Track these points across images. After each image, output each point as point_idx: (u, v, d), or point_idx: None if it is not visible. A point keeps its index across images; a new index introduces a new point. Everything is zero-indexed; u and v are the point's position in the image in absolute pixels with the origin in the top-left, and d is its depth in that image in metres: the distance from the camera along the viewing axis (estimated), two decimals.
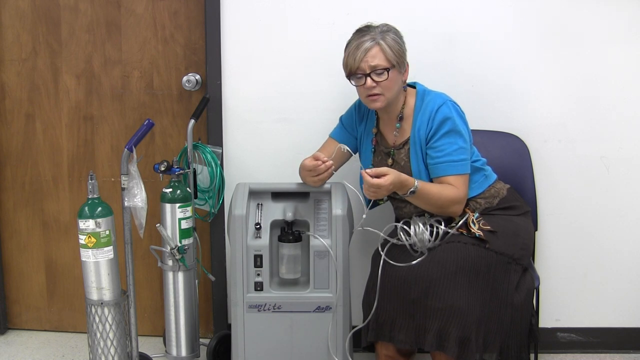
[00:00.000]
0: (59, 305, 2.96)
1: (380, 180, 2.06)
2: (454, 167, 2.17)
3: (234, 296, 2.31)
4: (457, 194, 2.16)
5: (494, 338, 2.09)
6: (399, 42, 2.18)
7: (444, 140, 2.17)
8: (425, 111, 2.20)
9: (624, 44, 2.57)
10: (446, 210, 2.18)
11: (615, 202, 2.66)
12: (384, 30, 2.18)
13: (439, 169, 2.18)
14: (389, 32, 2.18)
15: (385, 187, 2.06)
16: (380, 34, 2.16)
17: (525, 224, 2.31)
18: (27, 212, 2.89)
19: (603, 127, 2.62)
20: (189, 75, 2.69)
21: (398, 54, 2.17)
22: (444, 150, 2.17)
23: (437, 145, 2.18)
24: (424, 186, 2.15)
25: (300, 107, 2.65)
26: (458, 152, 2.17)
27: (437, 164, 2.18)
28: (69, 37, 2.74)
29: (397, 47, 2.17)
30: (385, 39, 2.15)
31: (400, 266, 2.11)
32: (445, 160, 2.17)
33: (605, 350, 2.75)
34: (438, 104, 2.19)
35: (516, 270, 2.14)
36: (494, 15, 2.57)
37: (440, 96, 2.23)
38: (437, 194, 2.15)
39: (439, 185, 2.18)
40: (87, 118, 2.80)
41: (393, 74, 2.16)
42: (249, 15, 2.61)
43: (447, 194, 2.15)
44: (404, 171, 2.24)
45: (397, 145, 2.28)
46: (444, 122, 2.17)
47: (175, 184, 2.38)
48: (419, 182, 2.14)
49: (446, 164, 2.17)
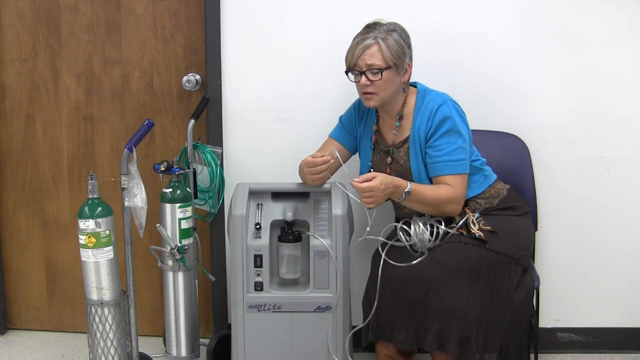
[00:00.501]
0: (59, 305, 2.96)
1: (370, 183, 2.06)
2: (452, 167, 2.17)
3: (234, 296, 2.31)
4: (452, 193, 2.16)
5: (494, 338, 2.08)
6: (400, 43, 2.17)
7: (443, 139, 2.17)
8: (425, 110, 2.20)
9: (624, 44, 2.57)
10: (443, 210, 2.18)
11: (615, 202, 2.66)
12: (389, 30, 2.17)
13: (437, 168, 2.18)
14: (394, 32, 2.17)
15: (377, 188, 2.06)
16: (384, 33, 2.15)
17: (526, 224, 2.31)
18: (27, 212, 2.89)
19: (603, 127, 2.62)
20: (189, 75, 2.69)
21: (396, 55, 2.15)
22: (443, 149, 2.17)
23: (436, 144, 2.18)
24: (418, 188, 2.15)
25: (300, 107, 2.65)
26: (457, 152, 2.17)
27: (436, 163, 2.18)
28: (69, 37, 2.74)
29: (397, 48, 2.16)
30: (387, 38, 2.15)
31: (400, 266, 2.11)
32: (443, 159, 2.17)
33: (605, 350, 2.75)
34: (438, 103, 2.19)
35: (516, 270, 2.14)
36: (494, 15, 2.57)
37: (441, 96, 2.23)
38: (431, 194, 2.15)
39: (432, 186, 2.18)
40: (87, 118, 2.80)
41: (388, 75, 2.16)
42: (249, 15, 2.61)
43: (442, 194, 2.15)
44: (403, 170, 2.24)
45: (397, 143, 2.28)
46: (444, 121, 2.17)
47: (175, 184, 2.38)
48: (412, 184, 2.15)
49: (444, 164, 2.17)
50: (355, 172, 2.49)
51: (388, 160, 2.29)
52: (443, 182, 2.17)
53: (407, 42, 2.20)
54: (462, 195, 2.19)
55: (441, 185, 2.18)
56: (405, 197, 2.13)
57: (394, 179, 2.13)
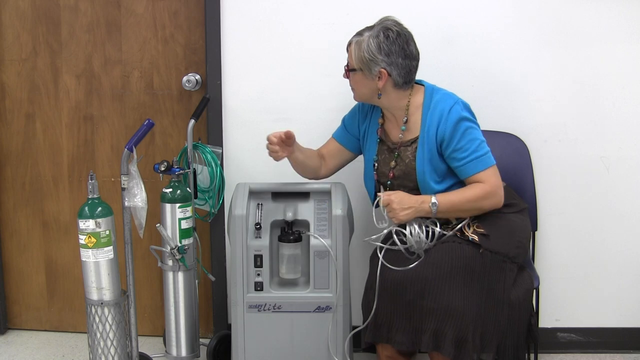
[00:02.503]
0: (59, 305, 2.96)
1: (389, 197, 2.13)
2: (481, 163, 2.17)
3: (234, 296, 2.31)
4: (483, 189, 2.16)
5: (491, 338, 2.08)
6: (371, 50, 2.14)
7: (465, 139, 2.17)
8: (435, 111, 2.19)
9: (624, 44, 2.56)
10: (484, 208, 2.18)
11: (615, 202, 2.66)
12: (373, 34, 2.15)
13: (469, 168, 2.17)
14: (375, 38, 2.14)
15: (394, 200, 2.13)
16: (367, 35, 2.16)
17: (522, 221, 2.29)
18: (27, 212, 2.89)
19: (603, 127, 2.62)
20: (189, 75, 2.69)
21: (361, 59, 2.16)
22: (469, 148, 2.16)
23: (460, 146, 2.16)
24: (443, 198, 2.16)
25: (300, 107, 2.65)
26: (481, 147, 2.18)
27: (466, 163, 2.17)
28: (69, 37, 2.74)
29: (363, 55, 2.15)
30: (361, 42, 2.16)
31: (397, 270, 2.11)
32: (472, 157, 2.16)
33: (605, 350, 2.75)
34: (449, 104, 2.18)
35: (511, 269, 2.14)
36: (494, 15, 2.57)
37: (450, 96, 2.22)
38: (460, 200, 2.16)
39: (457, 191, 2.19)
40: (87, 118, 2.80)
41: (356, 77, 2.21)
42: (248, 15, 2.61)
43: (470, 195, 2.16)
44: (407, 169, 2.24)
45: (405, 142, 2.27)
46: (460, 122, 2.16)
47: (175, 184, 2.38)
48: (435, 195, 2.16)
49: (474, 162, 2.16)
50: (357, 172, 2.50)
51: (391, 164, 2.28)
52: (475, 180, 2.17)
53: (390, 48, 2.14)
54: (496, 186, 2.18)
55: (468, 186, 2.19)
56: (434, 209, 2.14)
57: (412, 196, 2.17)
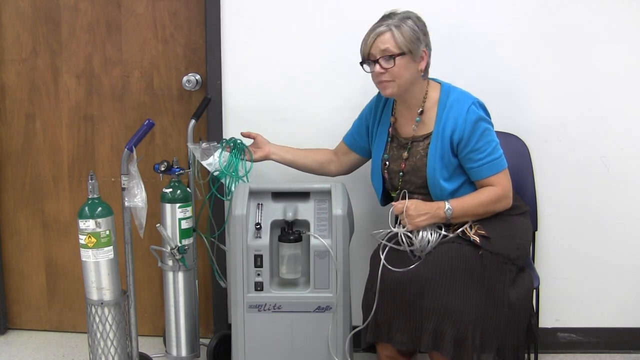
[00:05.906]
0: (59, 305, 2.96)
1: (404, 205, 2.15)
2: (495, 166, 2.18)
3: (234, 296, 2.31)
4: (495, 193, 2.17)
5: (491, 338, 2.08)
6: (415, 30, 2.14)
7: (483, 140, 2.17)
8: (452, 109, 2.18)
9: (624, 44, 2.56)
10: (495, 210, 2.20)
11: (615, 202, 2.66)
12: (403, 17, 2.15)
13: (483, 170, 2.17)
14: (408, 19, 2.15)
15: (410, 207, 2.14)
16: (398, 20, 2.14)
17: (523, 223, 2.30)
18: (27, 212, 2.89)
19: (603, 127, 2.62)
20: (189, 75, 2.69)
21: (410, 40, 2.13)
22: (485, 150, 2.17)
23: (478, 146, 2.16)
24: (457, 203, 2.17)
25: (300, 107, 2.65)
26: (497, 149, 2.19)
27: (482, 165, 2.17)
28: (69, 37, 2.74)
29: (411, 34, 2.13)
30: (400, 25, 2.13)
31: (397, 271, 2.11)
32: (488, 160, 2.17)
33: (605, 350, 2.75)
34: (467, 104, 2.17)
35: (511, 270, 2.13)
36: (493, 15, 2.57)
37: (467, 95, 2.21)
38: (473, 204, 2.17)
39: (471, 195, 2.20)
40: (87, 118, 2.80)
41: (402, 61, 2.13)
42: (249, 15, 2.61)
43: (483, 198, 2.17)
44: (418, 165, 2.23)
45: (417, 137, 2.26)
46: (478, 123, 2.16)
47: (175, 184, 2.38)
48: (449, 201, 2.16)
49: (489, 164, 2.17)
50: (358, 172, 2.50)
51: (404, 155, 2.27)
52: (488, 183, 2.18)
53: (423, 29, 2.17)
54: (508, 189, 2.20)
55: (480, 190, 2.19)
56: (449, 214, 2.15)
57: (425, 202, 2.18)
